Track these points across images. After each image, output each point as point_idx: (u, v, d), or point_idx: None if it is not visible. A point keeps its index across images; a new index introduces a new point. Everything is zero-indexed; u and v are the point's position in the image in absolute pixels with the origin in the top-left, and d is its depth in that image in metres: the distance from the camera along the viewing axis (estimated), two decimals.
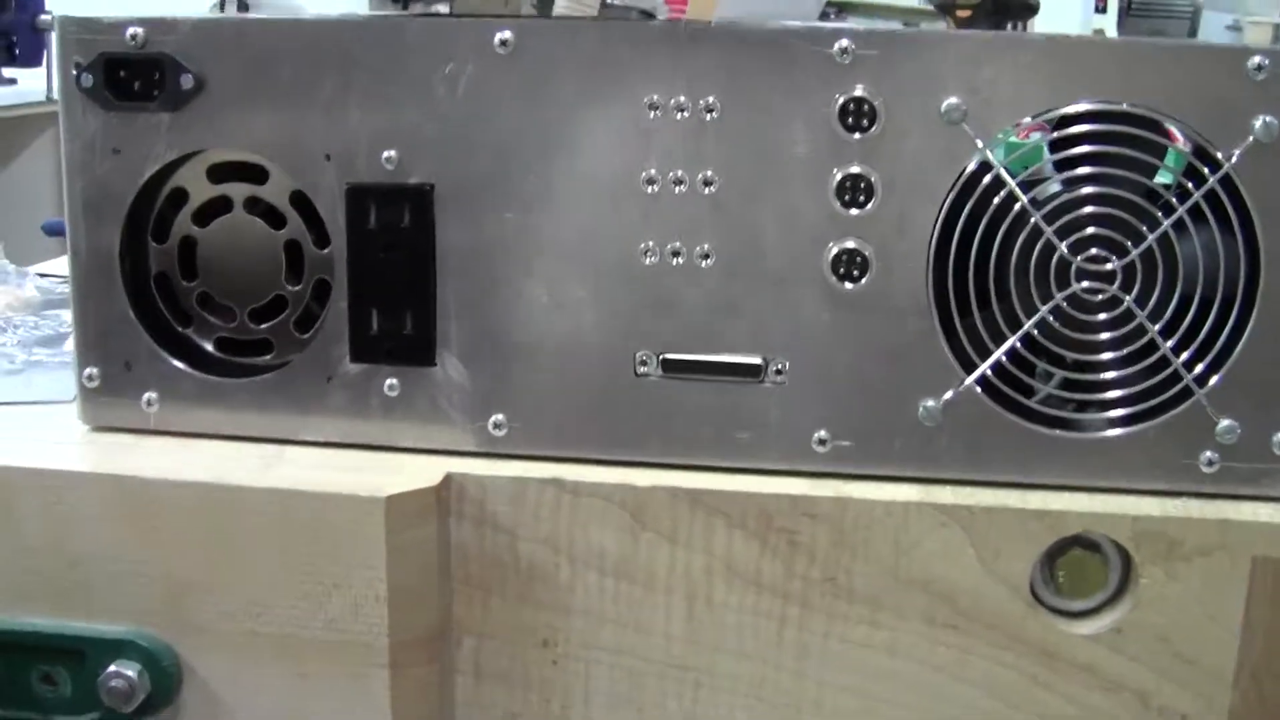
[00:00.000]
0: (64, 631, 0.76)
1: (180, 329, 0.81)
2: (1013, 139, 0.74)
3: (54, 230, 0.71)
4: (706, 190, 0.73)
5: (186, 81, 0.75)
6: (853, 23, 3.53)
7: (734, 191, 0.73)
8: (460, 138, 0.74)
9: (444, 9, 3.05)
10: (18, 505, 0.76)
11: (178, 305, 0.80)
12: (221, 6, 2.60)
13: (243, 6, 2.74)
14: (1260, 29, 3.76)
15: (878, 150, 0.72)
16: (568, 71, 0.73)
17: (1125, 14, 3.79)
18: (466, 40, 0.73)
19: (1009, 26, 2.54)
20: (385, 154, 0.74)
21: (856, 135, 0.72)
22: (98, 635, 0.75)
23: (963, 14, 2.45)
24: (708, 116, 0.72)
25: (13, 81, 2.91)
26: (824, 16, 3.22)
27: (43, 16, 2.69)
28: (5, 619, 0.76)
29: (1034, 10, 2.50)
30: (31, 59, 2.84)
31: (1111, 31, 3.38)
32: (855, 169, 0.72)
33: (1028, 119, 0.72)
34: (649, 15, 3.42)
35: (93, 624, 0.76)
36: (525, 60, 0.73)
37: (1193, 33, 3.84)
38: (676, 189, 0.73)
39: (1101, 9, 3.38)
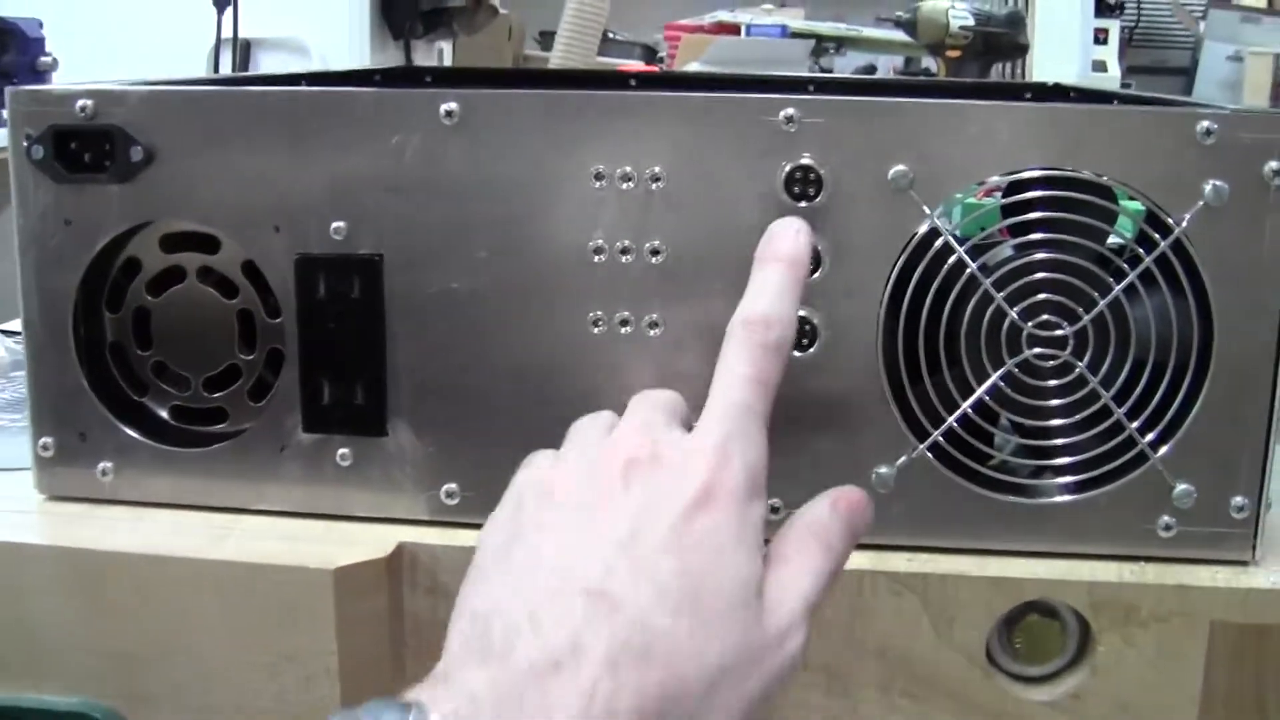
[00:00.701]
0: (16, 704, 0.75)
1: (135, 398, 0.80)
2: (970, 200, 0.73)
3: None
4: (654, 260, 0.73)
5: (136, 153, 0.75)
6: (852, 58, 3.54)
7: (681, 260, 0.73)
8: (408, 208, 0.74)
9: (446, 46, 3.06)
10: None
11: (133, 374, 0.80)
12: (217, 50, 2.61)
13: (245, 47, 2.75)
14: (1261, 59, 3.75)
15: (825, 218, 0.72)
16: (514, 142, 0.73)
17: (1126, 45, 3.79)
18: (413, 111, 0.73)
19: (999, 66, 2.54)
20: (334, 224, 0.74)
21: (803, 203, 0.72)
22: (49, 707, 0.75)
23: (953, 54, 2.45)
24: (654, 186, 0.72)
25: None
26: (824, 52, 3.24)
27: (43, 58, 2.70)
28: None
29: (1023, 50, 2.51)
30: None
31: (1113, 62, 3.37)
32: None
33: (977, 185, 0.72)
34: (652, 50, 3.42)
35: (44, 696, 0.75)
36: (471, 131, 0.73)
37: (1194, 64, 3.83)
38: (624, 259, 0.73)
39: (1102, 41, 3.37)
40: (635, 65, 3.38)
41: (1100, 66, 3.39)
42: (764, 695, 0.56)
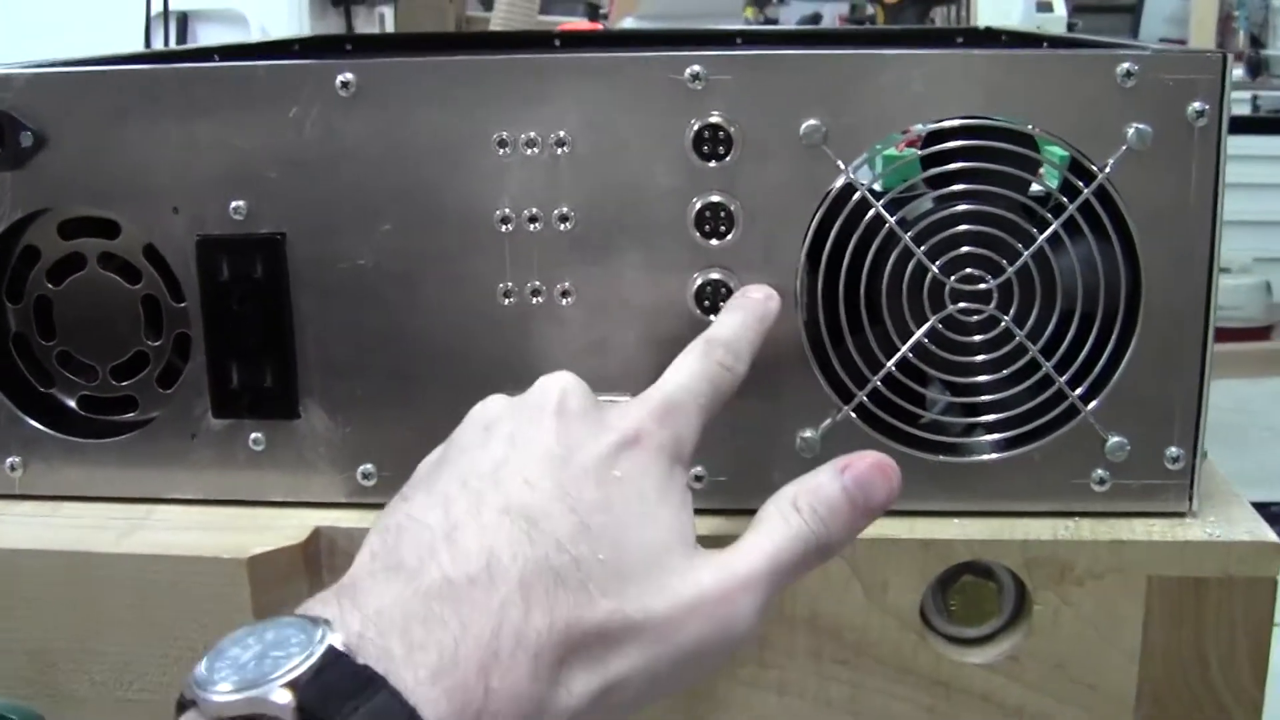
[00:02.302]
0: None
1: (41, 389, 0.78)
2: (890, 151, 0.71)
3: None
4: (563, 227, 0.71)
5: (26, 139, 0.72)
6: (796, 7, 3.52)
7: (591, 227, 0.71)
8: (309, 184, 0.72)
9: (388, 11, 3.03)
10: None
11: (38, 365, 0.78)
12: (148, 24, 2.57)
13: (182, 19, 2.71)
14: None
15: (736, 177, 0.70)
16: (413, 112, 0.71)
17: None
18: (310, 83, 0.71)
19: (948, 11, 2.53)
20: (234, 204, 0.72)
21: (713, 163, 0.70)
22: None
23: (891, 0, 2.43)
24: (560, 151, 0.70)
25: None
26: (767, 2, 3.21)
27: None
28: None
29: None
30: None
31: (1059, 1, 3.35)
32: (714, 198, 0.70)
33: (899, 135, 0.70)
34: (594, 6, 3.39)
35: None
36: (370, 102, 0.71)
37: (1140, 1, 3.83)
38: (532, 227, 0.71)
39: None
40: (579, 22, 3.35)
41: (1045, 7, 3.37)
42: (698, 650, 0.55)
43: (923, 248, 0.70)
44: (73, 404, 0.79)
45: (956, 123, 0.69)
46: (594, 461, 0.58)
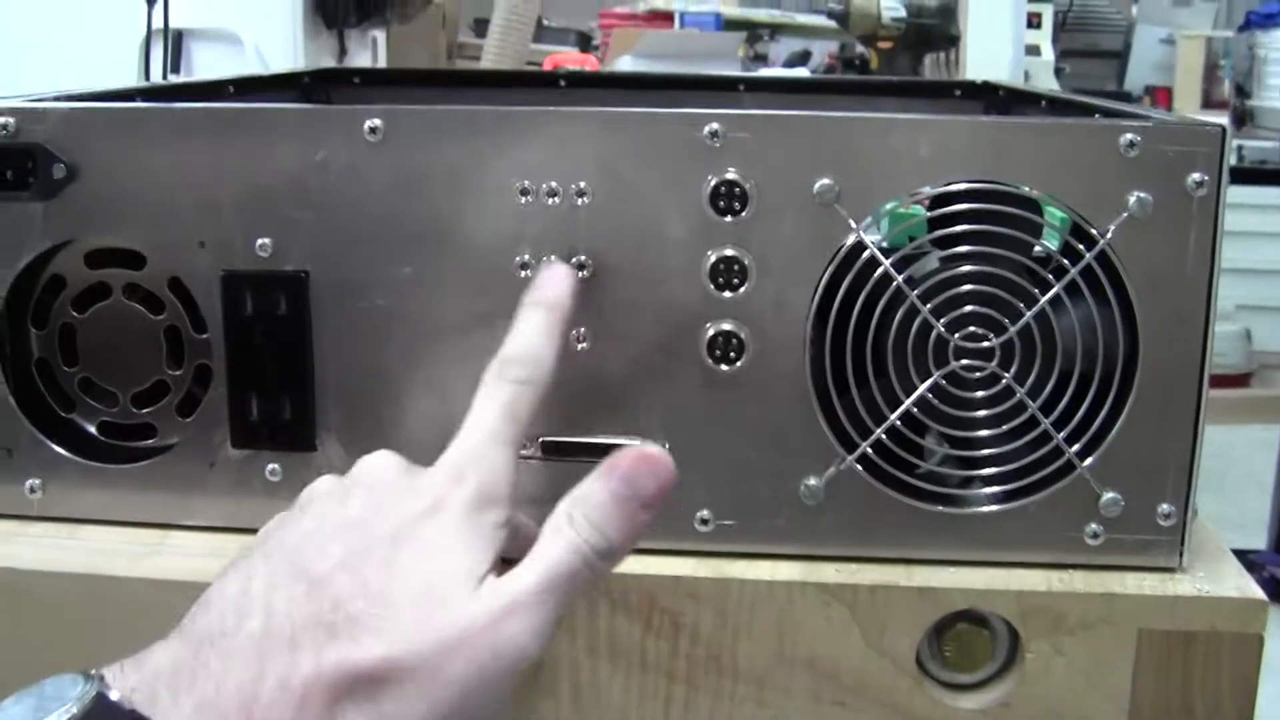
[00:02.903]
0: None
1: (63, 414, 0.80)
2: (899, 210, 0.73)
3: None
4: (580, 274, 0.73)
5: (59, 171, 0.74)
6: (786, 44, 3.54)
7: (608, 275, 0.73)
8: (333, 225, 0.74)
9: (380, 35, 3.04)
10: None
11: (60, 390, 0.80)
12: (148, 42, 2.59)
13: (176, 38, 2.73)
14: (1193, 42, 3.79)
15: (751, 232, 0.72)
16: (438, 158, 0.73)
17: (1060, 29, 3.80)
18: (337, 128, 0.73)
19: (932, 55, 2.55)
20: (259, 241, 0.74)
21: (729, 218, 0.72)
22: None
23: (884, 45, 2.46)
24: (579, 201, 0.72)
25: None
26: (758, 39, 3.24)
27: None
28: None
29: (955, 41, 2.51)
30: None
31: (1046, 46, 3.39)
32: (729, 251, 0.72)
33: (905, 197, 0.72)
34: (587, 37, 3.42)
35: None
36: (396, 147, 0.73)
37: (1127, 46, 3.86)
38: None
39: (1035, 25, 3.38)
40: (570, 52, 3.37)
41: (1034, 50, 3.40)
42: (472, 680, 0.57)
43: (928, 305, 0.72)
44: (93, 429, 0.80)
45: (963, 186, 0.71)
46: (388, 530, 0.60)
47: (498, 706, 0.59)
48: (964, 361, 0.73)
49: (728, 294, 0.73)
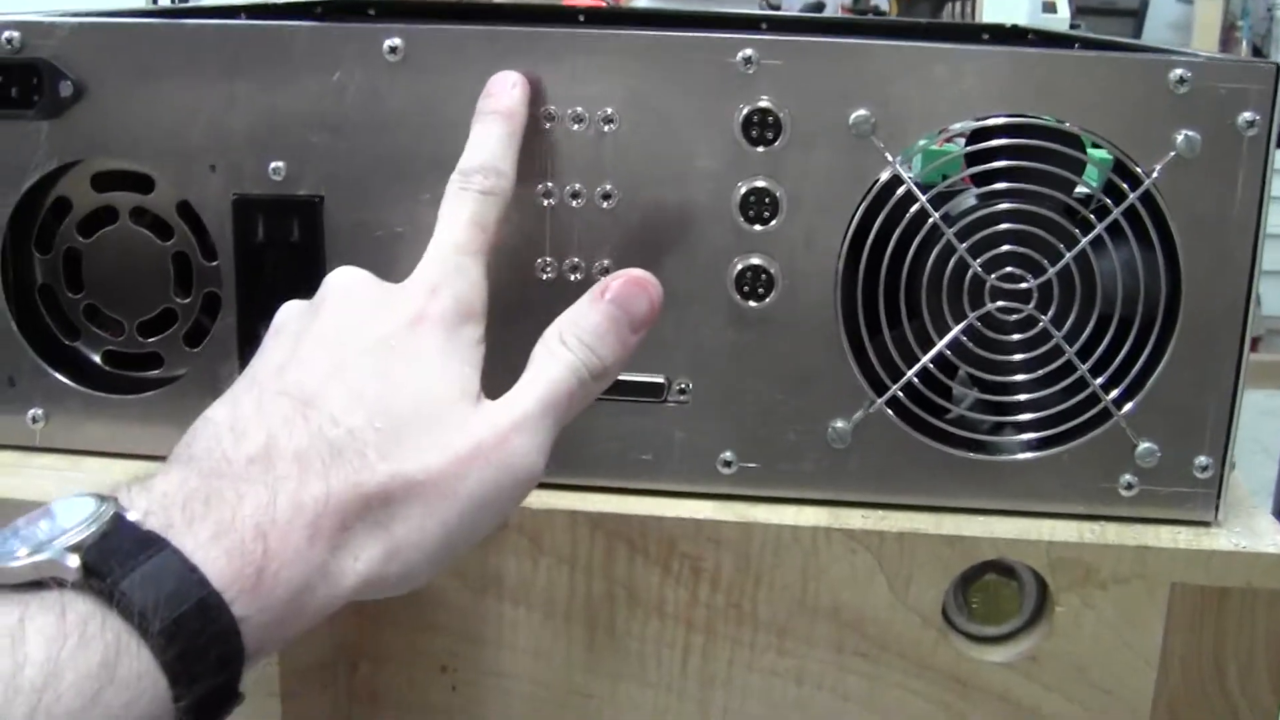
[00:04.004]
0: None
1: (66, 342, 0.78)
2: (933, 147, 0.71)
3: None
4: (605, 204, 0.70)
5: (65, 88, 0.72)
6: None
7: (634, 206, 0.70)
8: (350, 149, 0.71)
9: None
10: None
11: (64, 318, 0.77)
12: None
13: None
14: (1211, 2, 3.76)
15: (783, 164, 0.69)
16: (459, 80, 0.70)
17: None
18: (355, 47, 0.70)
19: (953, 6, 2.53)
20: (272, 165, 0.72)
21: (760, 148, 0.69)
22: None
23: None
24: (606, 128, 0.70)
25: None
26: None
27: None
28: None
29: None
30: None
31: (1063, 3, 3.36)
32: (760, 183, 0.70)
33: (944, 130, 0.70)
34: None
35: None
36: (415, 68, 0.70)
37: (1144, 4, 3.83)
38: (574, 203, 0.71)
39: None
40: None
41: (1050, 7, 3.37)
42: (471, 508, 0.57)
43: (965, 244, 0.70)
44: (97, 359, 0.78)
45: (1003, 121, 0.69)
46: (372, 341, 0.59)
47: (499, 524, 0.60)
48: (1000, 303, 0.70)
49: (758, 228, 0.70)
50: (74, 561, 0.48)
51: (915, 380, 0.71)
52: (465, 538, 0.58)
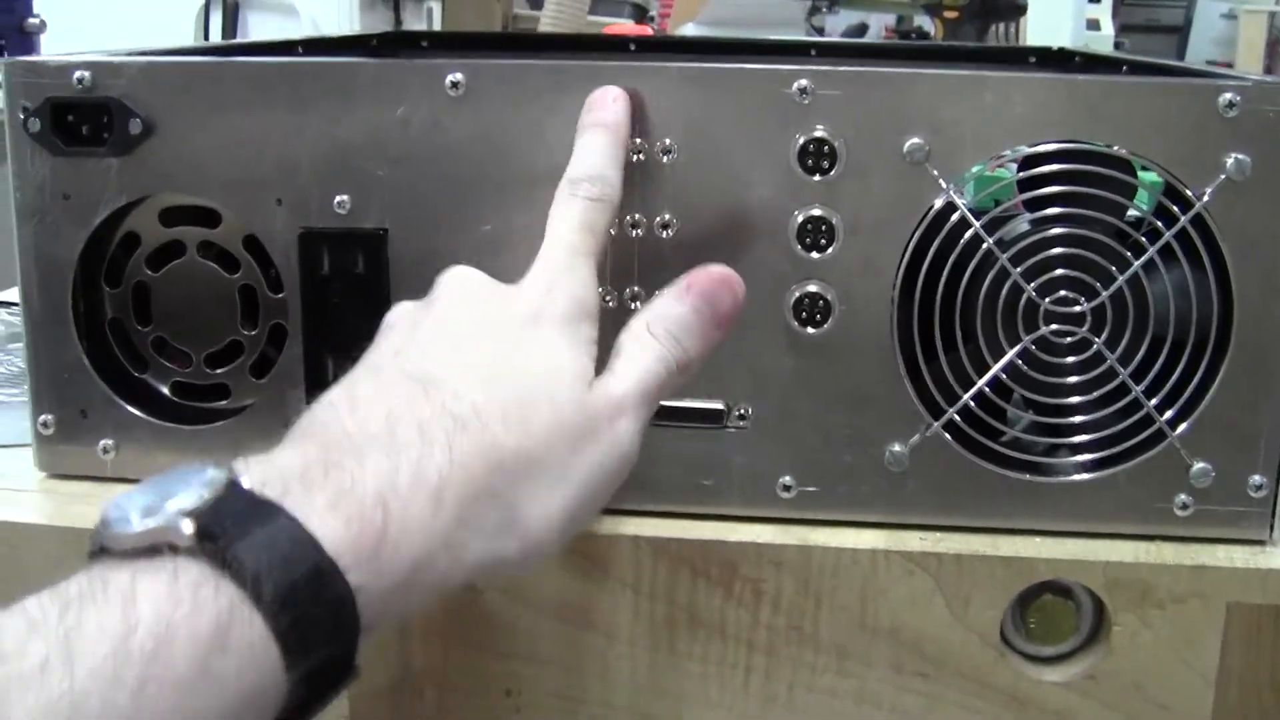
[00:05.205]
0: None
1: (136, 374, 0.79)
2: (985, 173, 0.72)
3: None
4: (664, 234, 0.72)
5: (135, 126, 0.73)
6: (844, 15, 3.52)
7: (693, 235, 0.72)
8: (414, 182, 0.73)
9: (435, 5, 3.03)
10: None
11: (133, 350, 0.79)
12: (207, 9, 2.59)
13: (233, 7, 2.73)
14: (1255, 17, 3.75)
15: (839, 192, 0.71)
16: (520, 114, 0.71)
17: (1120, 3, 3.77)
18: (418, 83, 0.72)
19: (997, 26, 2.53)
20: (338, 198, 0.73)
21: (817, 177, 0.70)
22: None
23: (950, 14, 2.44)
24: (664, 159, 0.71)
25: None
26: (816, 10, 3.22)
27: (31, 19, 2.68)
28: None
29: (1022, 10, 2.49)
30: None
31: (1106, 20, 3.35)
32: (816, 211, 0.71)
33: (995, 157, 0.71)
34: (642, 9, 3.40)
35: None
36: (477, 102, 0.71)
37: (1188, 21, 3.82)
38: (634, 233, 0.72)
39: None
40: (625, 24, 3.35)
41: (1094, 25, 3.37)
42: (587, 486, 0.58)
43: (1019, 268, 0.71)
44: (166, 390, 0.80)
45: (1054, 147, 0.70)
46: (491, 332, 0.61)
47: (599, 508, 0.60)
48: (1054, 326, 0.71)
49: (815, 255, 0.71)
50: (188, 527, 0.47)
51: (971, 404, 0.72)
52: (578, 518, 0.58)
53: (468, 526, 0.54)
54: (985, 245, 0.70)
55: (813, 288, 0.71)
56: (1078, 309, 0.71)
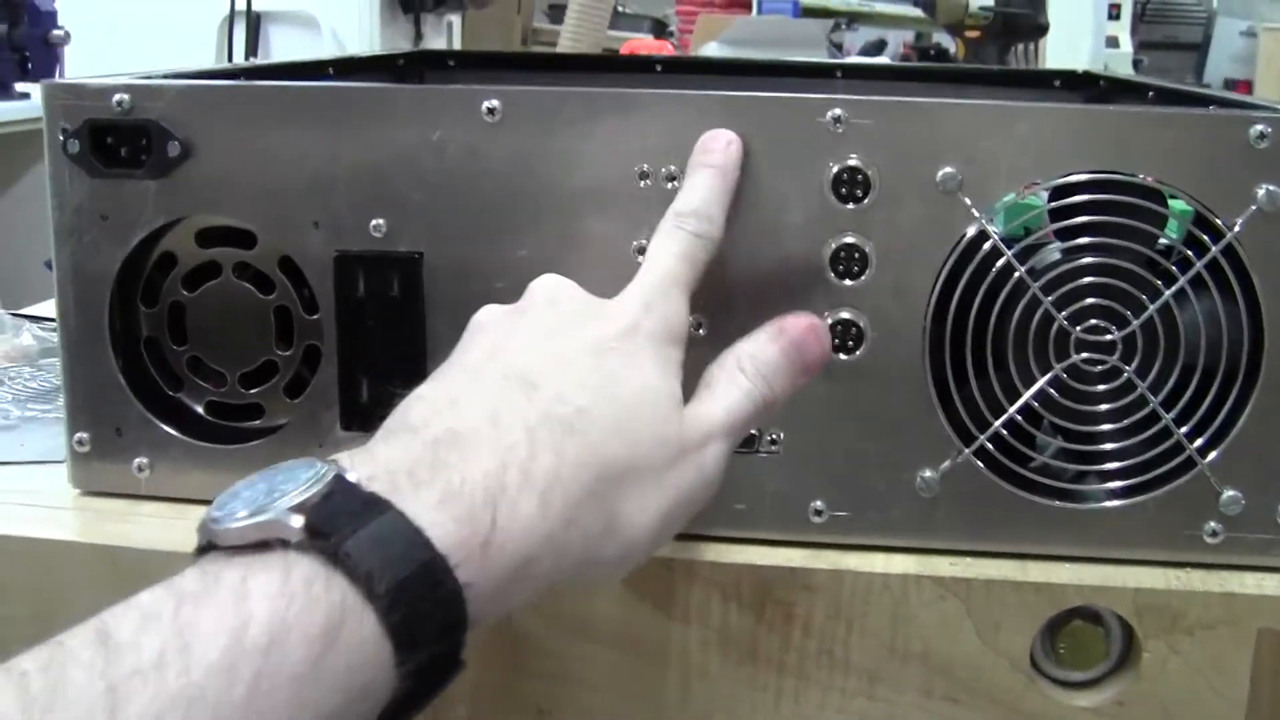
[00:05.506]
0: None
1: (171, 393, 0.80)
2: (1020, 203, 0.72)
3: None
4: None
5: (173, 148, 0.74)
6: (863, 32, 3.52)
7: (727, 261, 0.72)
8: (449, 206, 0.73)
9: (455, 20, 3.05)
10: (4, 573, 0.75)
11: (168, 369, 0.80)
12: (231, 23, 2.60)
13: (255, 20, 2.74)
14: (1275, 34, 3.74)
15: (872, 220, 0.71)
16: (556, 140, 0.72)
17: (1139, 21, 3.77)
18: (455, 108, 0.72)
19: (1018, 46, 2.53)
20: (374, 222, 0.74)
21: (850, 205, 0.71)
22: None
23: (972, 34, 2.44)
24: None
25: (25, 96, 2.91)
26: (835, 27, 3.22)
27: (55, 31, 2.69)
28: None
29: (1043, 30, 2.49)
30: (44, 74, 2.84)
31: (1125, 38, 3.36)
32: (849, 239, 0.71)
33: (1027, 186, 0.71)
34: (661, 24, 3.41)
35: None
36: (513, 128, 0.72)
37: (1207, 38, 3.82)
38: None
39: (1115, 16, 3.35)
40: (645, 39, 3.37)
41: (1113, 42, 3.37)
42: (678, 501, 0.59)
43: (1050, 297, 0.71)
44: (200, 409, 0.80)
45: (1085, 177, 0.70)
46: (588, 339, 0.61)
47: (679, 529, 0.62)
48: (1085, 355, 0.72)
49: (848, 282, 0.72)
50: (297, 521, 0.48)
51: (1002, 430, 0.72)
52: (666, 532, 0.60)
53: (572, 528, 0.55)
54: (1017, 274, 0.71)
55: (845, 314, 0.72)
56: (1109, 337, 0.71)
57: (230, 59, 2.72)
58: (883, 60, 2.90)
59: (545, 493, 0.54)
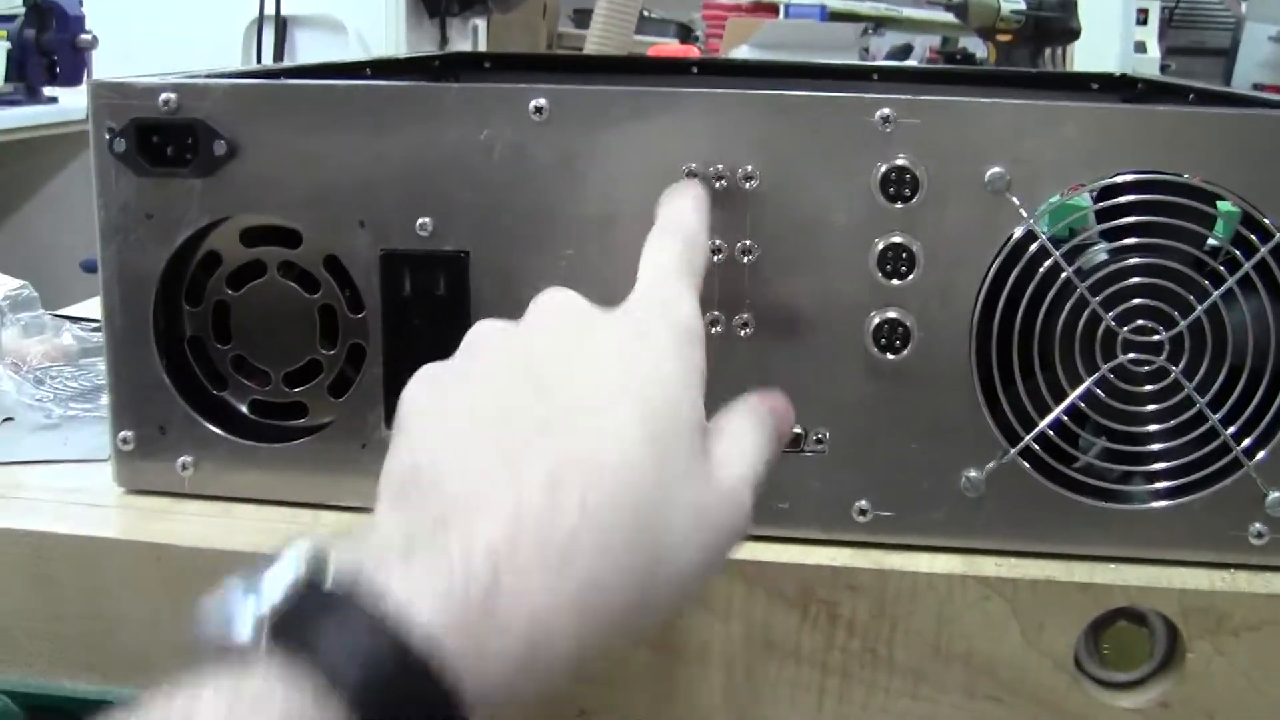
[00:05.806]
0: (103, 698, 0.75)
1: (215, 392, 0.80)
2: (1067, 203, 0.72)
3: (92, 268, 0.72)
4: (745, 259, 0.72)
5: (219, 148, 0.74)
6: (889, 37, 3.52)
7: (773, 261, 0.72)
8: (496, 205, 0.73)
9: (481, 24, 3.05)
10: (52, 570, 0.75)
11: (212, 368, 0.80)
12: (260, 27, 2.60)
13: (281, 24, 2.74)
14: None
15: (920, 220, 0.71)
16: (604, 139, 0.72)
17: (1166, 25, 3.76)
18: (502, 107, 0.72)
19: (1049, 51, 2.53)
20: (420, 221, 0.74)
21: (898, 204, 0.71)
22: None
23: (1004, 38, 2.44)
24: (746, 185, 0.71)
25: (53, 100, 2.92)
26: (864, 33, 3.22)
27: (83, 35, 2.70)
28: (41, 684, 0.76)
29: (1075, 34, 2.49)
30: (72, 78, 2.85)
31: (1153, 43, 3.35)
32: (897, 238, 0.71)
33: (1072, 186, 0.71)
34: (687, 29, 3.41)
35: (128, 689, 0.75)
36: (559, 127, 0.72)
37: (1235, 43, 3.81)
38: (715, 258, 0.72)
39: (1142, 21, 3.34)
40: (671, 44, 3.37)
41: (1140, 47, 3.36)
42: (713, 546, 0.53)
43: (1097, 298, 0.71)
44: (244, 408, 0.80)
45: (1133, 178, 0.70)
46: (603, 355, 0.55)
47: (713, 577, 0.59)
48: (1132, 355, 0.72)
49: (895, 282, 0.72)
50: (259, 629, 0.45)
51: (1049, 431, 0.72)
52: (711, 569, 0.53)
53: (605, 583, 0.48)
54: (1064, 274, 0.71)
55: (892, 314, 0.72)
56: (1156, 338, 0.71)
57: (259, 62, 2.73)
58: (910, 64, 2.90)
59: (564, 549, 0.47)
